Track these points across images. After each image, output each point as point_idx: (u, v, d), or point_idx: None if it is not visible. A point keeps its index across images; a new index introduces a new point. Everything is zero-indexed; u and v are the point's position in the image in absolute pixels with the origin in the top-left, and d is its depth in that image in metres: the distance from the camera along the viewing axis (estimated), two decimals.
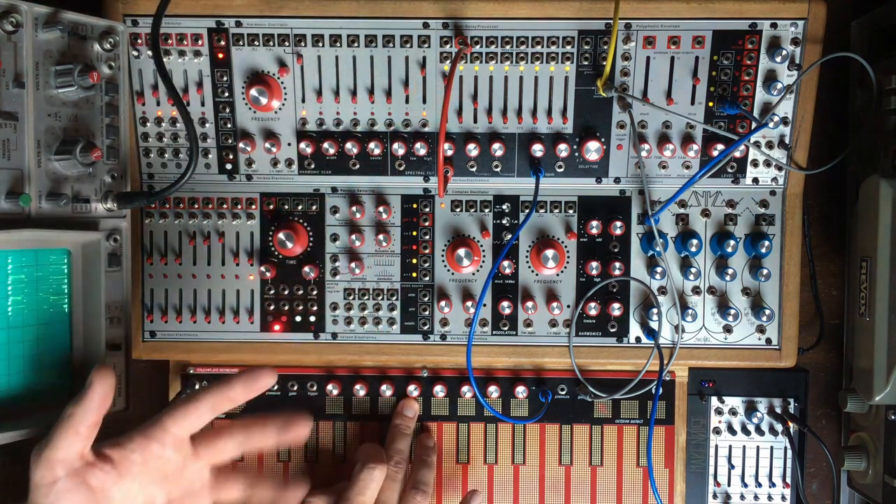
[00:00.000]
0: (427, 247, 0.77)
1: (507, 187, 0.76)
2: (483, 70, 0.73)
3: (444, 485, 0.79)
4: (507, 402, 0.78)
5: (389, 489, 0.71)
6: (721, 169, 0.75)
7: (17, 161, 0.60)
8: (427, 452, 0.76)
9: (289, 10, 0.72)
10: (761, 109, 0.73)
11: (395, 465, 0.73)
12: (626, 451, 0.79)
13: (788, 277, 0.76)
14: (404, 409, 0.78)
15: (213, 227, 0.77)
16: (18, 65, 0.60)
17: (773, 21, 0.71)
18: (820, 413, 0.84)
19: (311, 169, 0.76)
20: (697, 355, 0.77)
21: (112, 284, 0.69)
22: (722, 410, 0.79)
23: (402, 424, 0.77)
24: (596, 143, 0.73)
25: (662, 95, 0.73)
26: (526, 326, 0.77)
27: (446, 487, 0.79)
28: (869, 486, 0.75)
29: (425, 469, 0.75)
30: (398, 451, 0.74)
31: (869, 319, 0.67)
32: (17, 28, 0.59)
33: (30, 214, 0.62)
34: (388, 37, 0.72)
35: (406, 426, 0.77)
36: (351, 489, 0.69)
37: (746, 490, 0.79)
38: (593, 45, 0.72)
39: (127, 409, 0.71)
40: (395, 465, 0.73)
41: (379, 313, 0.77)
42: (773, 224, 0.76)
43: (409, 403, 0.78)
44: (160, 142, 0.75)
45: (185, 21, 0.72)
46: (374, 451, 0.73)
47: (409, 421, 0.77)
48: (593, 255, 0.76)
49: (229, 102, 0.74)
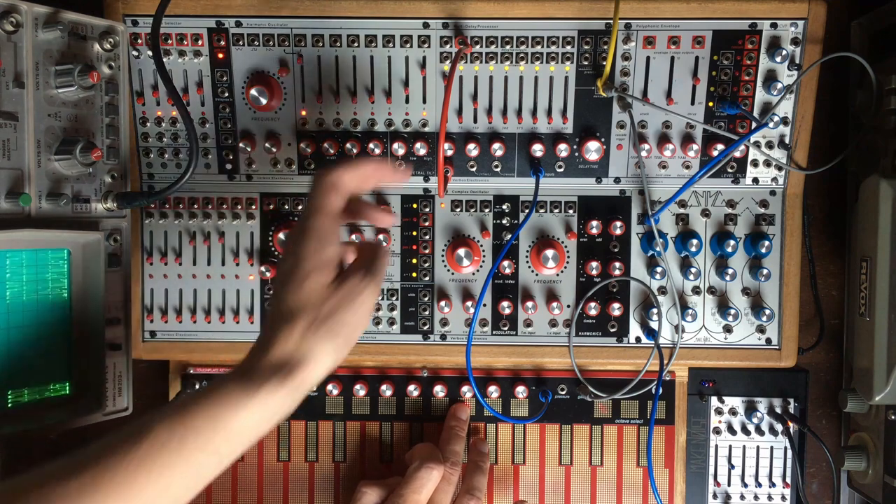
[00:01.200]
0: (427, 247, 0.77)
1: (507, 187, 0.76)
2: (483, 70, 0.73)
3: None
4: (507, 402, 0.78)
5: (443, 491, 0.70)
6: (721, 169, 0.75)
7: (17, 161, 0.60)
8: (482, 458, 0.76)
9: (289, 10, 0.72)
10: (761, 109, 0.73)
11: (451, 466, 0.72)
12: (626, 451, 0.79)
13: (788, 277, 0.76)
14: (458, 412, 0.77)
15: (213, 227, 0.77)
16: (18, 65, 0.60)
17: (773, 21, 0.71)
18: (820, 413, 0.84)
19: (311, 169, 0.76)
20: (697, 355, 0.77)
21: (112, 284, 0.69)
22: (722, 410, 0.79)
23: (456, 426, 0.76)
24: (596, 143, 0.73)
25: (662, 95, 0.73)
26: (526, 326, 0.77)
27: None
28: (869, 486, 0.75)
29: (479, 475, 0.74)
30: (454, 453, 0.74)
31: (869, 319, 0.67)
32: (17, 28, 0.59)
33: (30, 214, 0.62)
34: (388, 37, 0.72)
35: (461, 428, 0.76)
36: (407, 486, 0.69)
37: (746, 490, 0.79)
38: (593, 45, 0.72)
39: (127, 409, 0.71)
40: (451, 467, 0.72)
41: (379, 313, 0.77)
42: (773, 224, 0.76)
43: (463, 407, 0.78)
44: (160, 142, 0.75)
45: (185, 21, 0.72)
46: (431, 451, 0.72)
47: (464, 424, 0.77)
48: (593, 255, 0.76)
49: (229, 102, 0.74)
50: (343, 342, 0.54)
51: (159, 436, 0.47)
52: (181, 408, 0.49)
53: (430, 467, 0.69)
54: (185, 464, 0.48)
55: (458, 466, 0.73)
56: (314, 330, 0.52)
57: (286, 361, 0.51)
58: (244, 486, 0.79)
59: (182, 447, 0.47)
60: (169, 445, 0.47)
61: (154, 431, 0.47)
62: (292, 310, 0.52)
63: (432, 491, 0.70)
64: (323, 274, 0.54)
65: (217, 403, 0.49)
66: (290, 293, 0.53)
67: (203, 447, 0.48)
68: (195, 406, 0.49)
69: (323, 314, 0.53)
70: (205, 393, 0.50)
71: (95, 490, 0.45)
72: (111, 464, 0.46)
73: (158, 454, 0.47)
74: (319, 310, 0.53)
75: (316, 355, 0.52)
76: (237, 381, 0.50)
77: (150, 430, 0.47)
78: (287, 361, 0.51)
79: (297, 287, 0.53)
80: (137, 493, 0.46)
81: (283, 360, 0.51)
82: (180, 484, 0.48)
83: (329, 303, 0.53)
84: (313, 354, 0.52)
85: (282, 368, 0.51)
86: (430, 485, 0.69)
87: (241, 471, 0.79)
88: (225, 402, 0.49)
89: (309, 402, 0.78)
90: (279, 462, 0.79)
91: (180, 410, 0.48)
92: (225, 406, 0.49)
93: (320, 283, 0.53)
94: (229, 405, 0.49)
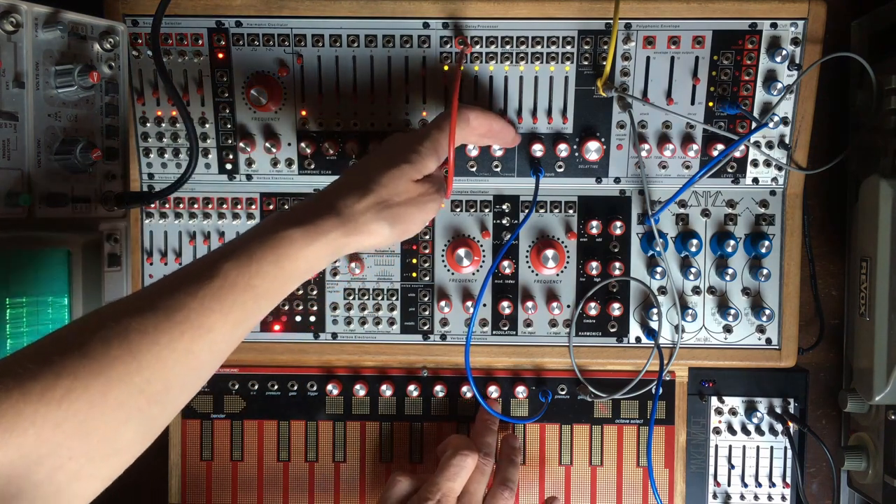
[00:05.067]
0: (427, 247, 0.77)
1: (507, 187, 0.76)
2: (483, 70, 0.73)
3: None
4: (507, 402, 0.78)
5: (477, 481, 0.70)
6: (721, 169, 0.75)
7: (17, 161, 0.60)
8: (514, 452, 0.76)
9: (289, 10, 0.72)
10: (761, 109, 0.73)
11: (484, 456, 0.72)
12: (626, 451, 0.79)
13: (788, 277, 0.76)
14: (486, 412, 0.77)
15: (213, 227, 0.77)
16: (18, 65, 0.60)
17: (773, 21, 0.71)
18: (820, 413, 0.84)
19: (311, 169, 0.76)
20: (697, 355, 0.77)
21: (112, 284, 0.69)
22: (722, 410, 0.79)
23: (489, 420, 0.76)
24: (596, 143, 0.73)
25: (662, 95, 0.73)
26: (526, 326, 0.77)
27: None
28: (869, 486, 0.75)
29: (512, 467, 0.74)
30: (488, 445, 0.74)
31: (869, 319, 0.67)
32: (17, 28, 0.59)
33: (30, 214, 0.62)
34: (388, 37, 0.72)
35: (493, 422, 0.76)
36: (441, 474, 0.68)
37: (746, 490, 0.79)
38: (593, 45, 0.72)
39: None
40: (484, 458, 0.72)
41: (379, 313, 0.77)
42: (773, 224, 0.76)
43: (493, 404, 0.78)
44: (160, 142, 0.75)
45: (185, 21, 0.72)
46: (465, 441, 0.72)
47: (495, 419, 0.77)
48: (593, 255, 0.76)
49: (229, 102, 0.74)
50: (397, 232, 0.59)
51: (228, 275, 0.50)
52: (247, 249, 0.52)
53: (465, 454, 0.69)
54: (251, 302, 0.51)
55: (491, 458, 0.73)
56: (383, 208, 0.58)
57: (349, 219, 0.56)
58: (244, 486, 0.79)
59: (248, 286, 0.51)
60: (238, 284, 0.50)
61: (224, 270, 0.50)
62: (373, 182, 0.58)
63: (466, 480, 0.69)
64: (415, 170, 0.60)
65: (282, 247, 0.53)
66: (380, 168, 0.59)
67: (266, 288, 0.52)
68: (261, 249, 0.52)
69: (396, 201, 0.59)
70: (269, 235, 0.53)
71: (171, 324, 0.47)
72: (185, 300, 0.48)
73: (229, 292, 0.50)
74: (394, 196, 0.59)
75: (373, 230, 0.58)
76: (299, 226, 0.54)
77: (220, 270, 0.50)
78: (350, 219, 0.56)
79: (388, 167, 0.59)
80: (209, 329, 0.49)
81: (347, 217, 0.56)
82: (244, 322, 0.52)
83: (405, 194, 0.59)
84: (372, 228, 0.57)
85: (345, 224, 0.56)
86: (464, 473, 0.69)
87: (241, 471, 0.79)
88: (289, 247, 0.53)
89: (309, 403, 0.78)
90: (279, 462, 0.79)
91: (247, 252, 0.52)
92: (289, 250, 0.53)
93: (408, 176, 0.60)
94: (293, 250, 0.53)
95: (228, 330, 0.50)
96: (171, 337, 0.47)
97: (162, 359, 0.46)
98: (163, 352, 0.46)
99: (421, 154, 0.60)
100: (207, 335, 0.49)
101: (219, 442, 0.79)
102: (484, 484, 0.71)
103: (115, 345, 0.45)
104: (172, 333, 0.47)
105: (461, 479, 0.69)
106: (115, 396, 0.44)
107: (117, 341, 0.45)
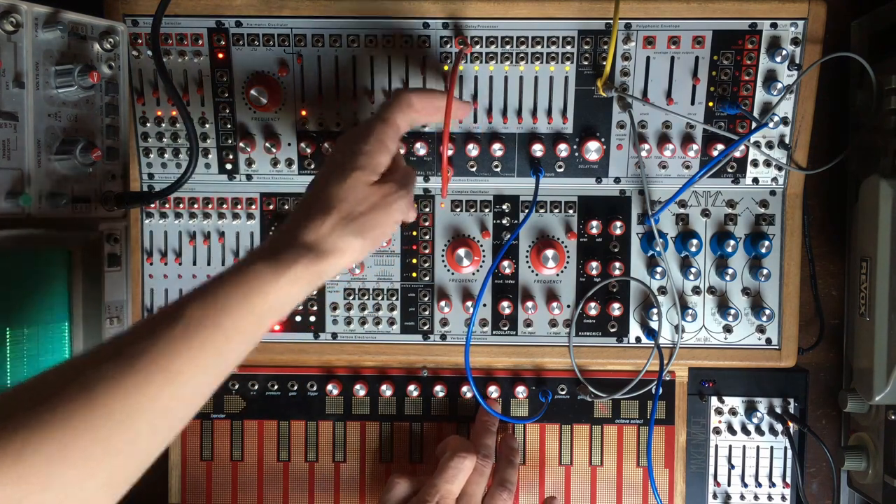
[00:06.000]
0: (427, 247, 0.77)
1: (507, 187, 0.76)
2: (483, 70, 0.73)
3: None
4: (507, 402, 0.78)
5: (476, 482, 0.70)
6: (721, 169, 0.75)
7: (17, 161, 0.60)
8: (513, 453, 0.76)
9: (289, 10, 0.72)
10: (761, 109, 0.73)
11: (482, 458, 0.72)
12: (626, 451, 0.79)
13: (788, 277, 0.76)
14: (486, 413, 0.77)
15: (213, 227, 0.77)
16: (18, 65, 0.60)
17: (773, 21, 0.71)
18: (820, 413, 0.84)
19: (311, 169, 0.76)
20: (697, 355, 0.77)
21: (112, 284, 0.69)
22: (722, 410, 0.79)
23: (488, 421, 0.76)
24: (596, 143, 0.73)
25: (662, 95, 0.73)
26: (526, 326, 0.77)
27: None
28: (869, 486, 0.75)
29: (511, 468, 0.74)
30: (486, 447, 0.73)
31: (869, 319, 0.67)
32: (17, 28, 0.59)
33: (30, 214, 0.62)
34: (388, 37, 0.72)
35: (492, 423, 0.76)
36: (439, 476, 0.68)
37: (746, 490, 0.79)
38: (593, 45, 0.72)
39: None
40: (483, 459, 0.72)
41: (379, 313, 0.77)
42: (773, 224, 0.76)
43: (493, 404, 0.78)
44: (160, 142, 0.75)
45: (185, 21, 0.72)
46: (463, 443, 0.72)
47: (495, 420, 0.77)
48: (593, 255, 0.76)
49: (229, 102, 0.74)
50: (369, 242, 0.57)
51: (193, 315, 0.48)
52: (213, 289, 0.50)
53: (463, 456, 0.69)
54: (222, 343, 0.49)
55: (490, 459, 0.73)
56: (347, 223, 0.55)
57: (315, 246, 0.54)
58: (244, 486, 0.79)
59: (216, 327, 0.49)
60: (205, 324, 0.48)
61: (188, 311, 0.48)
62: (331, 199, 0.56)
63: (464, 482, 0.69)
64: (368, 174, 0.57)
65: (248, 283, 0.51)
66: (333, 183, 0.57)
67: (234, 326, 0.50)
68: (226, 287, 0.50)
69: (359, 210, 0.56)
70: (234, 274, 0.51)
71: (135, 371, 0.45)
72: (149, 345, 0.47)
73: (196, 333, 0.48)
74: (356, 206, 0.56)
75: (343, 248, 0.55)
76: (266, 261, 0.52)
77: (185, 311, 0.48)
78: (317, 246, 0.54)
79: (342, 179, 0.57)
80: (176, 374, 0.47)
81: (313, 245, 0.54)
82: (216, 366, 0.49)
83: (367, 202, 0.57)
84: (341, 246, 0.55)
85: (311, 252, 0.54)
86: (462, 475, 0.69)
87: (241, 471, 0.79)
88: (255, 281, 0.51)
89: (309, 403, 0.78)
90: (279, 462, 0.79)
91: (212, 291, 0.50)
92: (256, 285, 0.51)
93: (364, 182, 0.57)
94: (260, 285, 0.51)
95: (199, 373, 0.48)
96: (136, 384, 0.45)
97: (127, 408, 0.45)
98: (128, 400, 0.45)
99: (369, 154, 0.58)
100: (175, 380, 0.47)
101: (219, 442, 0.79)
102: (483, 485, 0.71)
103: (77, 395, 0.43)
104: (137, 380, 0.45)
105: (459, 481, 0.69)
106: (79, 448, 0.43)
107: (80, 392, 0.44)
